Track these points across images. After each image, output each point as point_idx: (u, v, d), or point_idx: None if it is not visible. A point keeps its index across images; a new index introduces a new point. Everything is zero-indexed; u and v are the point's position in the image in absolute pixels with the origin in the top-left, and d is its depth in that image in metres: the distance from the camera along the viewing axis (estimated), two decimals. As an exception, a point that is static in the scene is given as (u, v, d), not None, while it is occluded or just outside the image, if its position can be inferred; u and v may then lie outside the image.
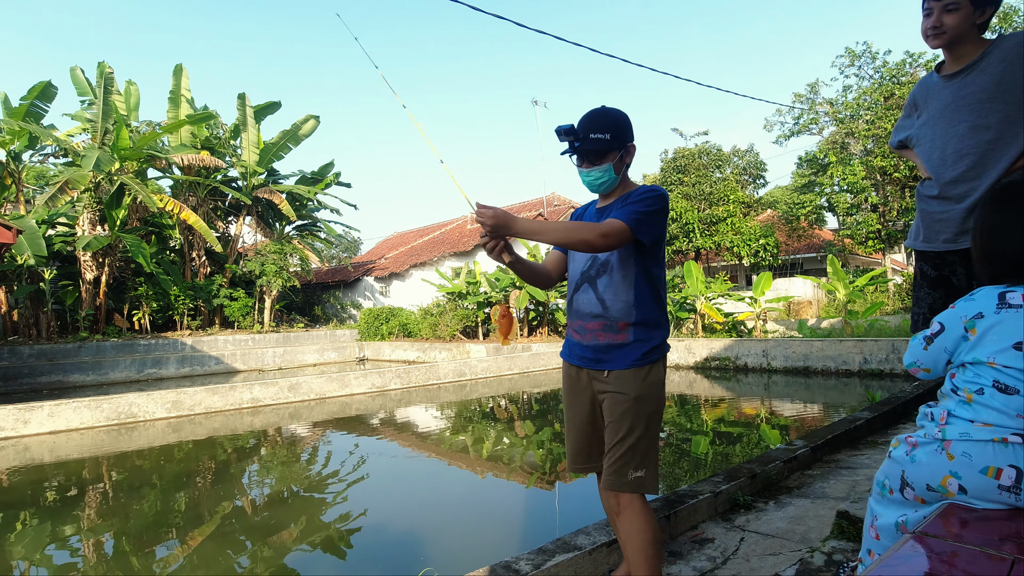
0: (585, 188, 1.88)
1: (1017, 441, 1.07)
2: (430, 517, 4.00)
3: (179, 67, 17.45)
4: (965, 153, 1.95)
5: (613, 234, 1.65)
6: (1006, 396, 1.09)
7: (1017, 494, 1.07)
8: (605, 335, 1.79)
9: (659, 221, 1.75)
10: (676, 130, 31.95)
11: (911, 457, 1.22)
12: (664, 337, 1.80)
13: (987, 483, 1.09)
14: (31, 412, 6.69)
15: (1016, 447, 1.07)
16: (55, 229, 16.23)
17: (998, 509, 1.11)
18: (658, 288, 1.80)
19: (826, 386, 8.35)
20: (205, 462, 5.67)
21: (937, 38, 1.93)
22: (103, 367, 13.18)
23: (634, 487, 1.70)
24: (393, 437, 6.53)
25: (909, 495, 1.22)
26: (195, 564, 3.29)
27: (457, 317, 15.52)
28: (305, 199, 20.17)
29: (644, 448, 1.71)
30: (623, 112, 1.83)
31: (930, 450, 1.18)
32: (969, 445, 1.11)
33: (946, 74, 2.02)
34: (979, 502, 1.11)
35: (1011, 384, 1.09)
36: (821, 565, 2.05)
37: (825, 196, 19.20)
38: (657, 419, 1.76)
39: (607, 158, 1.78)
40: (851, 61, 18.37)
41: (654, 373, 1.76)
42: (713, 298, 12.39)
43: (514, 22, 6.41)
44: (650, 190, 1.76)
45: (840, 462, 3.50)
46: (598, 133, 1.75)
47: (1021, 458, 1.07)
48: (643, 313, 1.76)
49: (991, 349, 1.13)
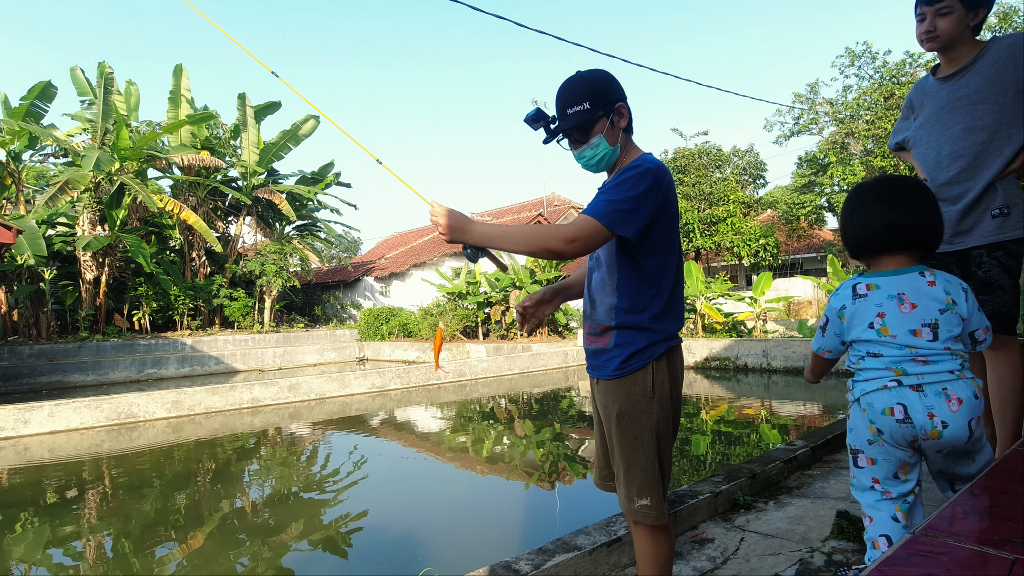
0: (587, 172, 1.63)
1: (894, 385, 1.40)
2: (430, 517, 4.00)
3: (179, 67, 17.46)
4: (959, 155, 1.97)
5: (582, 236, 1.38)
6: (877, 359, 1.45)
7: (911, 423, 1.37)
8: (593, 339, 1.60)
9: (644, 205, 1.42)
10: (676, 130, 31.93)
11: (848, 427, 1.53)
12: (654, 339, 1.50)
13: (889, 420, 1.40)
14: (31, 412, 6.69)
15: (895, 389, 1.40)
16: (55, 229, 16.23)
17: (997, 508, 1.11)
18: (654, 283, 1.50)
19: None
20: (205, 462, 5.67)
21: (932, 42, 1.95)
22: (103, 367, 13.18)
23: (640, 516, 1.49)
24: (393, 437, 6.53)
25: (862, 461, 1.50)
26: (195, 564, 3.29)
27: (457, 317, 15.52)
28: (305, 199, 20.17)
29: (640, 473, 1.49)
30: (600, 71, 1.55)
31: (854, 412, 1.50)
32: (868, 397, 1.45)
33: (941, 76, 2.04)
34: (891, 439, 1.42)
35: (875, 351, 1.45)
36: (821, 565, 2.05)
37: (825, 196, 19.20)
38: (651, 437, 1.49)
39: (595, 129, 1.51)
40: (851, 61, 18.37)
41: (640, 383, 1.49)
42: (713, 298, 12.39)
43: (514, 22, 6.40)
44: (632, 167, 1.47)
45: (840, 462, 3.50)
46: (575, 105, 1.49)
47: (901, 396, 1.39)
48: (626, 316, 1.50)
49: (857, 330, 1.48)
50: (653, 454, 1.50)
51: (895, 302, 1.43)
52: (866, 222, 1.51)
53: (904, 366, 1.41)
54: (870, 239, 1.50)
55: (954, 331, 1.40)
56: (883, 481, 1.47)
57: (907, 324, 1.41)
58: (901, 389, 1.39)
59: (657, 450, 1.51)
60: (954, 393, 1.37)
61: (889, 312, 1.43)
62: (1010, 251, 1.91)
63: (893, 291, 1.44)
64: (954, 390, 1.37)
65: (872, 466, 1.48)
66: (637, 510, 1.49)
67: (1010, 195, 1.90)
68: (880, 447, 1.45)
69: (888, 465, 1.46)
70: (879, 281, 1.47)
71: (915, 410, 1.37)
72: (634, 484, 1.50)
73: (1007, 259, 1.91)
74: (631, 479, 1.50)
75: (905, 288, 1.44)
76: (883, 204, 1.49)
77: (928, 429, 1.36)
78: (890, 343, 1.42)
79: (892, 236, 1.47)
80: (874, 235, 1.49)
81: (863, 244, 1.53)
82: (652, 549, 1.53)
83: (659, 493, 1.50)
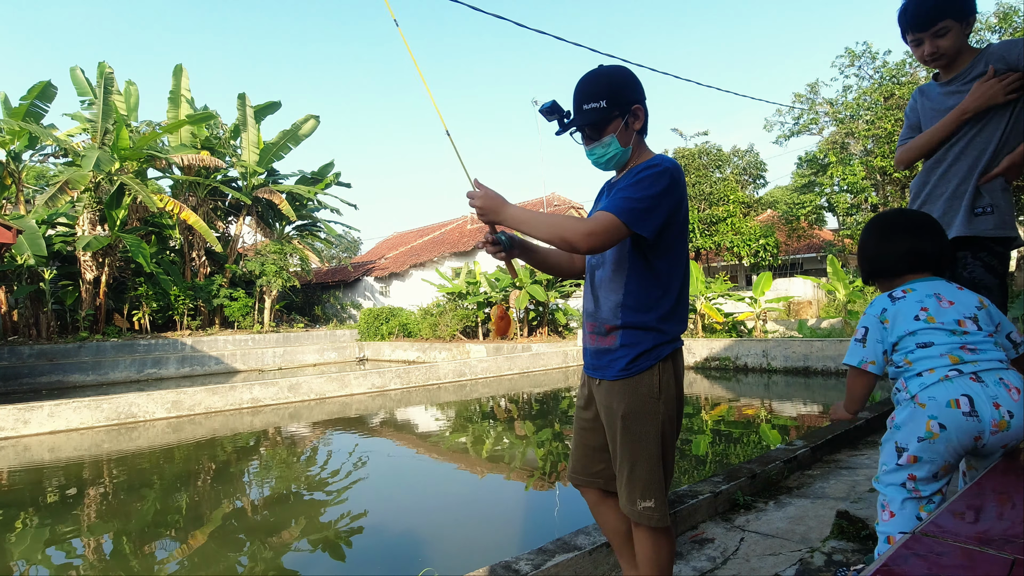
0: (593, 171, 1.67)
1: (954, 375, 1.36)
2: (430, 517, 4.00)
3: (179, 67, 17.46)
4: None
5: (600, 231, 1.38)
6: (927, 349, 1.42)
7: (976, 417, 1.32)
8: (596, 338, 1.58)
9: (662, 204, 1.42)
10: (676, 130, 31.89)
11: (895, 426, 1.45)
12: (660, 340, 1.50)
13: (955, 414, 1.34)
14: (31, 412, 6.69)
15: (956, 379, 1.36)
16: (55, 229, 16.23)
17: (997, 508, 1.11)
18: (664, 284, 1.50)
19: (826, 386, 8.36)
20: (205, 462, 5.67)
21: (938, 61, 1.99)
22: (103, 367, 13.18)
23: (643, 518, 1.48)
24: (393, 437, 6.53)
25: (904, 460, 1.41)
26: (195, 564, 3.29)
27: (457, 317, 15.52)
28: (305, 199, 20.18)
29: (645, 475, 1.48)
30: (622, 69, 1.54)
31: (906, 410, 1.43)
32: (930, 390, 1.38)
33: (943, 82, 2.07)
34: (956, 436, 1.34)
35: (925, 340, 1.42)
36: (821, 565, 2.05)
37: (825, 196, 19.20)
38: (656, 438, 1.49)
39: (608, 129, 1.51)
40: (851, 61, 18.37)
41: (646, 384, 1.48)
42: (713, 298, 12.39)
43: (514, 22, 6.41)
44: (650, 165, 1.46)
45: (840, 462, 3.50)
46: (591, 102, 1.49)
47: (965, 387, 1.35)
48: (633, 315, 1.49)
49: (902, 326, 1.47)
50: (658, 455, 1.49)
51: (934, 300, 1.47)
52: (889, 249, 1.60)
53: (958, 353, 1.39)
54: (893, 264, 1.59)
55: (991, 328, 1.44)
56: (919, 481, 1.42)
57: (951, 315, 1.44)
58: (963, 379, 1.36)
59: (661, 451, 1.50)
60: (1011, 382, 1.35)
61: (931, 307, 1.46)
62: (993, 252, 1.95)
63: (930, 291, 1.49)
64: (1009, 379, 1.36)
65: (913, 464, 1.41)
66: (641, 512, 1.48)
67: (994, 196, 1.94)
68: (931, 445, 1.37)
69: (932, 466, 1.39)
70: (914, 286, 1.52)
71: (980, 401, 1.33)
72: (638, 486, 1.48)
73: (991, 259, 1.95)
74: (635, 481, 1.49)
75: (940, 290, 1.49)
76: (904, 232, 1.60)
77: (997, 419, 1.32)
78: (940, 329, 1.42)
79: (916, 259, 1.56)
80: (898, 260, 1.58)
81: (885, 268, 1.62)
82: (653, 550, 1.52)
83: (662, 495, 1.49)
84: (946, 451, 1.37)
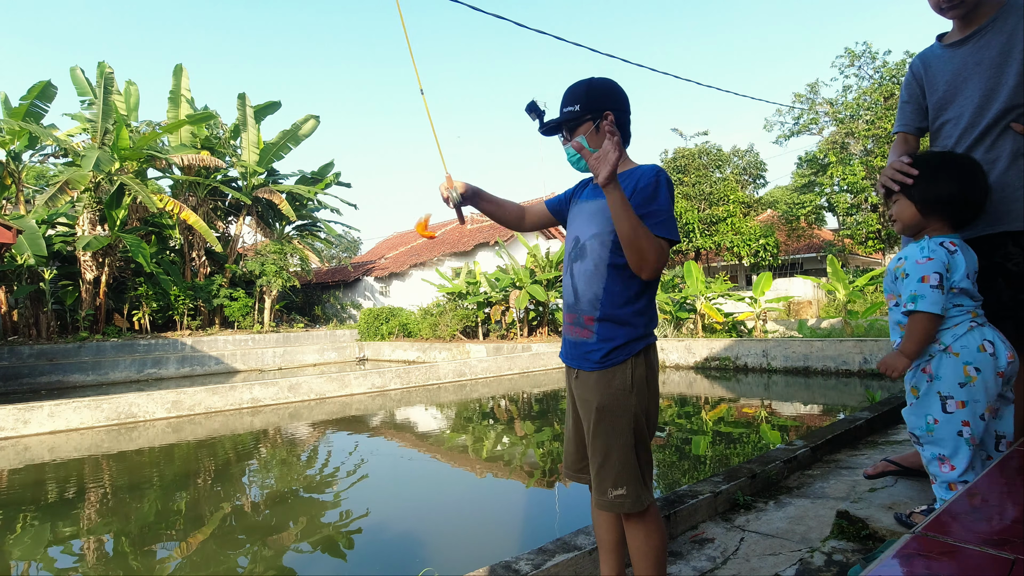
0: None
1: (976, 325, 1.61)
2: (430, 517, 4.00)
3: (179, 67, 17.46)
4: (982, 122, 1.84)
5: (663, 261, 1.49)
6: (960, 308, 1.63)
7: (996, 358, 1.57)
8: (575, 329, 1.63)
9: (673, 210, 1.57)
10: (676, 130, 31.93)
11: (936, 376, 1.63)
12: (635, 335, 1.55)
13: (985, 356, 1.57)
14: (31, 412, 6.69)
15: (978, 329, 1.61)
16: (55, 229, 16.23)
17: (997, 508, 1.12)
18: (642, 281, 1.56)
19: (826, 386, 8.35)
20: (205, 462, 5.67)
21: (956, 10, 1.84)
22: (103, 367, 13.18)
23: (615, 507, 1.53)
24: (393, 437, 6.53)
25: (952, 406, 1.59)
26: (195, 564, 3.29)
27: (457, 317, 15.52)
28: (305, 199, 20.17)
29: (617, 464, 1.52)
30: (605, 79, 1.64)
31: (942, 360, 1.61)
32: (961, 340, 1.59)
33: (952, 42, 1.93)
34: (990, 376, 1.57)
35: (959, 301, 1.62)
36: (821, 565, 2.05)
37: (825, 196, 19.21)
38: (629, 429, 1.53)
39: (579, 130, 1.62)
40: (851, 61, 18.38)
41: (621, 377, 1.53)
42: (713, 298, 12.39)
43: (514, 22, 6.41)
44: (646, 177, 1.56)
45: (840, 462, 3.50)
46: (568, 105, 1.62)
47: (986, 334, 1.60)
48: (610, 308, 1.55)
49: (957, 277, 1.62)
50: (631, 444, 1.54)
51: (966, 259, 1.64)
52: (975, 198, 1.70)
53: (976, 309, 1.64)
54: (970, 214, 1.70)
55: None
56: (972, 424, 1.57)
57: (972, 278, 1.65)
58: (984, 328, 1.61)
59: (635, 440, 1.54)
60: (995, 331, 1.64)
61: (971, 265, 1.65)
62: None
63: (966, 249, 1.66)
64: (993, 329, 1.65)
65: (962, 409, 1.58)
66: (611, 501, 1.53)
67: None
68: (971, 388, 1.57)
69: (978, 406, 1.57)
70: (955, 240, 1.67)
71: (998, 344, 1.59)
72: (609, 476, 1.53)
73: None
74: (606, 471, 1.54)
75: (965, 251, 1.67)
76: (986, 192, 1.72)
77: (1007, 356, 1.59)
78: (971, 291, 1.63)
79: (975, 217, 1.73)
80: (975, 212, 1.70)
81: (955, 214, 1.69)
82: (643, 541, 1.57)
83: (637, 482, 1.53)
84: (984, 392, 1.57)
